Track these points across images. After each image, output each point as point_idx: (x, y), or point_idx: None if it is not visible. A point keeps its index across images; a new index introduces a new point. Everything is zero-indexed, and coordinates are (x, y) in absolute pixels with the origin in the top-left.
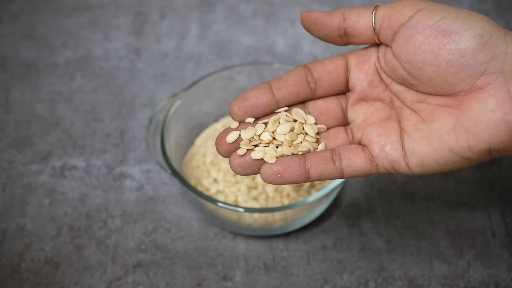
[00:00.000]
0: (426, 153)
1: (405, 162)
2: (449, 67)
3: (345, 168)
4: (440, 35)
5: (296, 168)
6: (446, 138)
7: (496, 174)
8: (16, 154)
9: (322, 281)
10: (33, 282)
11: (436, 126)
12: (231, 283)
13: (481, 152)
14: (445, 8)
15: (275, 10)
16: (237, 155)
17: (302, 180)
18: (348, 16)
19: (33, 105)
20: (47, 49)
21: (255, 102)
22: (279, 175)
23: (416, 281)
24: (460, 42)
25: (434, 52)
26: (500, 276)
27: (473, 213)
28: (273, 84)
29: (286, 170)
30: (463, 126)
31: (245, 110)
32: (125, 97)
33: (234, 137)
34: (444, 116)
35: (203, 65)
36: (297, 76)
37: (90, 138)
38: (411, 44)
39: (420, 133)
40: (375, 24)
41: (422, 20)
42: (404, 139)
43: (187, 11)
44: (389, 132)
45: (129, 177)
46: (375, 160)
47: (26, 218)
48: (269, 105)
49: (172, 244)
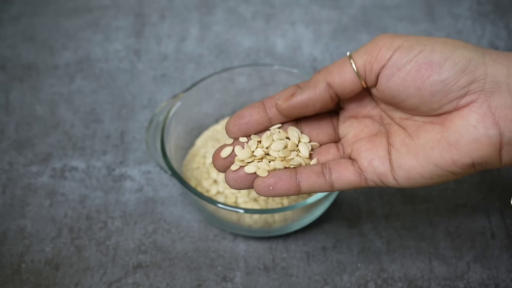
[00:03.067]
0: (412, 167)
1: (392, 175)
2: (432, 97)
3: (335, 181)
4: (422, 69)
5: (287, 181)
6: (431, 153)
7: (495, 176)
8: (16, 156)
9: (322, 282)
10: (33, 283)
11: (421, 142)
12: (231, 284)
13: (464, 166)
14: (421, 40)
15: (275, 12)
16: (231, 170)
17: (293, 192)
18: (331, 81)
19: (34, 106)
20: (47, 50)
21: (249, 120)
22: (270, 188)
23: (416, 282)
24: (442, 73)
25: (417, 86)
26: (500, 277)
27: (473, 215)
28: (266, 102)
29: (277, 183)
30: (446, 141)
31: (239, 127)
32: (125, 99)
33: (227, 152)
34: (429, 132)
35: (203, 67)
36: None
37: (90, 140)
38: (393, 82)
39: (406, 148)
40: (360, 75)
41: (401, 57)
42: (392, 153)
43: (187, 13)
44: (377, 147)
45: (129, 178)
46: (364, 174)
47: (26, 219)
48: (263, 122)
49: (172, 245)
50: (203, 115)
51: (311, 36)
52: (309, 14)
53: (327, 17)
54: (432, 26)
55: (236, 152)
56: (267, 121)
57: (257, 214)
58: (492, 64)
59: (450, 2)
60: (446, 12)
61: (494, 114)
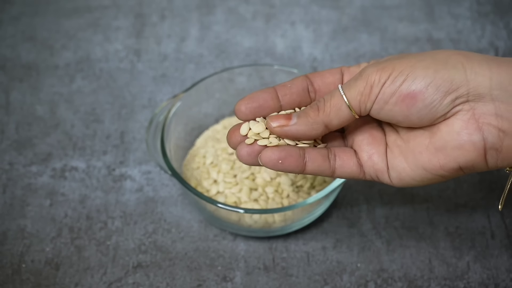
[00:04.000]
0: (403, 169)
1: (387, 174)
2: (420, 120)
3: (338, 168)
4: (406, 99)
5: (296, 158)
6: (420, 157)
7: (495, 175)
8: (16, 156)
9: (322, 282)
10: (34, 283)
11: (411, 146)
12: (231, 284)
13: (452, 170)
14: (404, 70)
15: (275, 12)
16: (245, 144)
17: (299, 171)
18: (329, 124)
19: (34, 106)
20: (47, 50)
21: (262, 104)
22: (280, 161)
23: (416, 282)
24: (425, 99)
25: (404, 114)
26: (500, 277)
27: (473, 214)
28: (278, 90)
29: (287, 158)
30: (434, 147)
31: (251, 110)
32: (125, 99)
33: (246, 129)
34: (418, 137)
35: (203, 67)
36: (300, 85)
37: (91, 140)
38: (383, 114)
39: (399, 150)
40: (355, 113)
41: (386, 92)
42: (387, 152)
43: (187, 13)
44: (378, 143)
45: (129, 178)
46: (363, 167)
47: (26, 219)
48: (275, 108)
49: (172, 245)
50: (203, 115)
51: (311, 36)
52: (309, 14)
53: (327, 17)
54: (432, 26)
55: (251, 126)
56: (278, 108)
57: (257, 214)
58: (474, 79)
59: (450, 2)
60: (446, 12)
61: (478, 121)
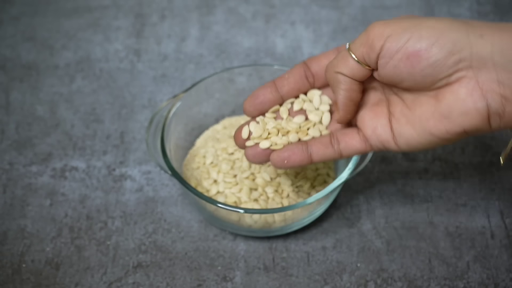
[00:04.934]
0: (411, 136)
1: (394, 141)
2: (424, 79)
3: (343, 150)
4: (411, 57)
5: (300, 154)
6: (427, 124)
7: (495, 176)
8: (16, 156)
9: (322, 282)
10: (34, 283)
11: (417, 113)
12: (231, 284)
13: (457, 134)
14: (408, 27)
15: (275, 12)
16: (248, 147)
17: (306, 163)
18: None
19: (34, 106)
20: (47, 50)
21: (263, 99)
22: (285, 161)
23: (416, 282)
24: (430, 57)
25: (409, 72)
26: (500, 277)
27: (473, 214)
28: (277, 82)
29: (291, 156)
30: (440, 114)
31: (255, 107)
32: (125, 99)
33: (247, 132)
34: (424, 105)
35: (203, 67)
36: (297, 73)
37: (91, 140)
38: (388, 69)
39: (405, 119)
40: (361, 63)
41: (391, 47)
42: (393, 122)
43: (187, 13)
44: (379, 116)
45: (129, 178)
46: (369, 141)
47: (26, 219)
48: (275, 100)
49: (172, 245)
50: (203, 115)
51: (311, 36)
52: (309, 14)
53: (327, 17)
54: None
55: (251, 130)
56: (279, 99)
57: (257, 214)
58: (477, 42)
59: (450, 2)
60: (446, 12)
61: (482, 88)
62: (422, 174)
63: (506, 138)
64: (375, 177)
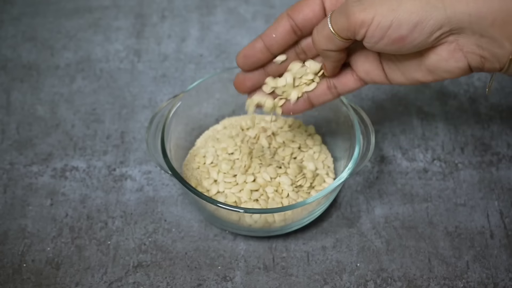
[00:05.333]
0: (402, 81)
1: (387, 80)
2: (409, 52)
3: (340, 91)
4: (396, 42)
5: (302, 103)
6: (414, 74)
7: (494, 175)
8: (17, 156)
9: (322, 282)
10: (34, 283)
11: (406, 65)
12: (231, 283)
13: (442, 80)
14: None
15: (275, 12)
16: None
17: (310, 108)
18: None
19: (34, 106)
20: (48, 51)
21: (255, 60)
22: (291, 112)
23: (415, 281)
24: (413, 41)
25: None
26: (499, 277)
27: (472, 214)
28: (265, 41)
29: (295, 107)
30: (426, 69)
31: (249, 65)
32: (125, 99)
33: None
34: (411, 59)
35: (203, 67)
36: (284, 30)
37: (91, 140)
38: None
39: (395, 66)
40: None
41: (375, 35)
42: (385, 66)
43: (187, 13)
44: (371, 60)
45: (129, 178)
46: (363, 80)
47: (27, 219)
48: (266, 58)
49: (172, 244)
50: (203, 115)
51: None
52: None
53: None
54: None
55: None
56: (270, 56)
57: (257, 214)
58: (454, 16)
59: None
60: None
61: (462, 50)
62: (422, 174)
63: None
64: (375, 177)
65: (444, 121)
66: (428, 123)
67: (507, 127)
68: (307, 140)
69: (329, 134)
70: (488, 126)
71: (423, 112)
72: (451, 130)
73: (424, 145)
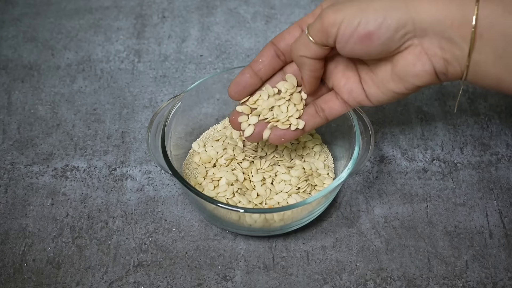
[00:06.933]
0: (378, 95)
1: (368, 100)
2: (379, 53)
3: (328, 115)
4: (364, 39)
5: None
6: (388, 85)
7: (493, 175)
8: (18, 155)
9: (321, 281)
10: (35, 282)
11: (379, 77)
12: (231, 283)
13: (415, 89)
14: (356, 13)
15: (275, 13)
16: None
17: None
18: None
19: (35, 106)
20: (49, 51)
21: (245, 85)
22: (282, 139)
23: (415, 281)
24: (380, 37)
25: (365, 51)
26: (498, 276)
27: (471, 214)
28: (253, 66)
29: (286, 134)
30: (397, 76)
31: (240, 93)
32: (126, 99)
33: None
34: (383, 69)
35: (203, 67)
36: (269, 54)
37: (92, 140)
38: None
39: (371, 81)
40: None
41: (345, 33)
42: (363, 84)
43: (188, 14)
44: (352, 80)
45: (130, 178)
46: (347, 103)
47: (28, 219)
48: (256, 83)
49: (172, 244)
50: (203, 115)
51: None
52: None
53: None
54: None
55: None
56: (259, 81)
57: (257, 214)
58: (417, 16)
59: None
60: None
61: (427, 53)
62: (421, 174)
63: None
64: (374, 177)
65: (443, 121)
66: (428, 123)
67: (506, 127)
68: (307, 140)
69: (329, 134)
70: (487, 126)
71: (423, 112)
72: (450, 130)
73: (424, 145)
